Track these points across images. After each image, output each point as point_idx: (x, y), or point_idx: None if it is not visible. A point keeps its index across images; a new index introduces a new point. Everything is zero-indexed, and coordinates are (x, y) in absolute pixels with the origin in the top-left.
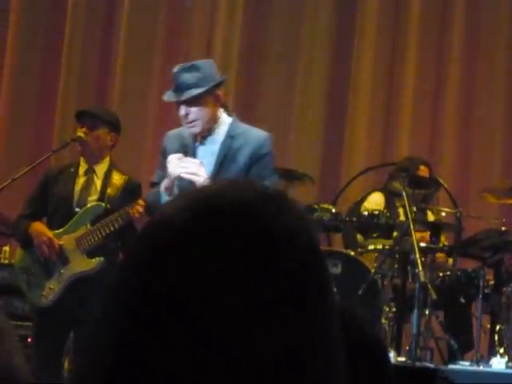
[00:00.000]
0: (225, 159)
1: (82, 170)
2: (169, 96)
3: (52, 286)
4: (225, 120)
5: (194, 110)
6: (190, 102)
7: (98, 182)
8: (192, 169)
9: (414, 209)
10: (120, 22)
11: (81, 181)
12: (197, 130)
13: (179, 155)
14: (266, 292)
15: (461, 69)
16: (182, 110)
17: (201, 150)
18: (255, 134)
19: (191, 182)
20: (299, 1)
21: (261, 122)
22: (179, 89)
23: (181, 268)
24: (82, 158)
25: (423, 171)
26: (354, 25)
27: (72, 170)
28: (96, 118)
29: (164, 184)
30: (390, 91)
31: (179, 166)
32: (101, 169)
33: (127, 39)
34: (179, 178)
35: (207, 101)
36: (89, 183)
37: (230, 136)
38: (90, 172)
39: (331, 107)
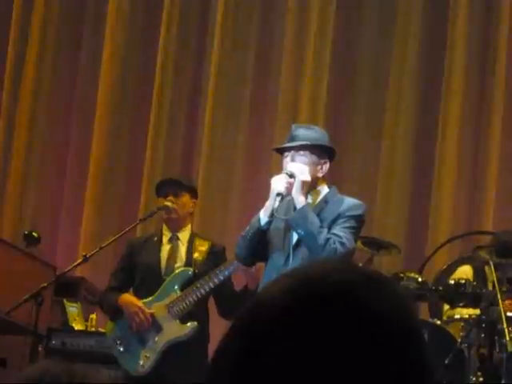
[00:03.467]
0: None
1: (165, 239)
2: (281, 145)
3: (148, 355)
4: (323, 189)
5: (299, 159)
6: (300, 152)
7: (183, 249)
8: (295, 168)
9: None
10: (206, 89)
11: (166, 248)
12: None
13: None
14: (367, 375)
15: None
16: (289, 157)
17: None
18: (349, 200)
19: (291, 201)
20: (384, 67)
21: (345, 190)
22: (293, 139)
23: (280, 351)
24: (164, 227)
25: None
26: (439, 85)
27: (155, 238)
28: (180, 185)
29: (266, 204)
30: (476, 157)
31: (283, 173)
32: (184, 236)
33: (213, 109)
34: (280, 198)
35: (314, 161)
36: (174, 250)
37: (325, 201)
38: (175, 239)
39: (416, 175)
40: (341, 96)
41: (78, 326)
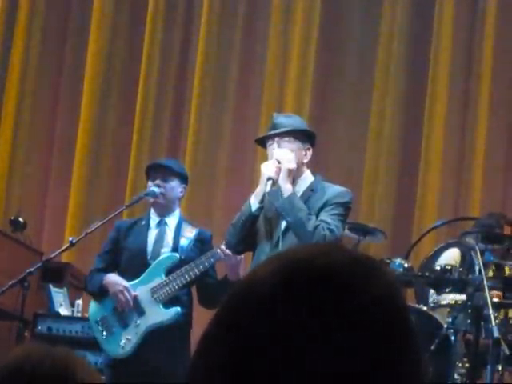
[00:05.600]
0: None
1: (153, 223)
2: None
3: (129, 337)
4: (308, 177)
5: (285, 145)
6: (284, 138)
7: (170, 234)
8: (281, 156)
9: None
10: (192, 83)
11: (153, 233)
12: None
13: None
14: (352, 358)
15: None
16: (275, 144)
17: None
18: (336, 188)
19: (278, 189)
20: (370, 63)
21: (332, 176)
22: (275, 127)
23: (269, 333)
24: (152, 211)
25: (507, 231)
26: (425, 76)
27: (143, 222)
28: (169, 170)
29: (256, 190)
30: (462, 145)
31: (270, 160)
32: (172, 221)
33: (199, 100)
34: (271, 182)
35: (299, 147)
36: (161, 235)
37: (311, 189)
38: (162, 224)
39: (403, 161)
40: (326, 85)
41: (64, 312)
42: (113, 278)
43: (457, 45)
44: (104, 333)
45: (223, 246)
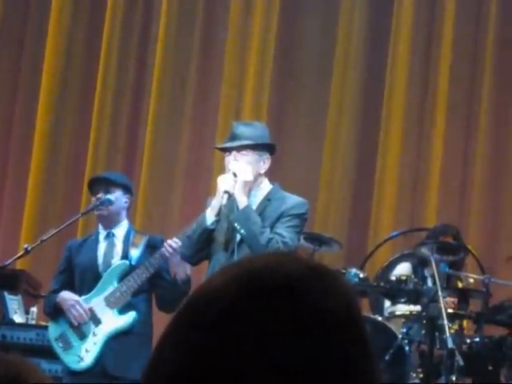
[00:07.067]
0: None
1: (101, 237)
2: (222, 143)
3: (88, 348)
4: (265, 186)
5: (242, 158)
6: (240, 152)
7: (119, 245)
8: (237, 168)
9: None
10: (150, 86)
11: (102, 246)
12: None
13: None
14: (307, 365)
15: (490, 132)
16: (231, 156)
17: None
18: (293, 198)
19: (234, 201)
20: (327, 68)
21: (287, 184)
22: (234, 138)
23: (224, 340)
24: (100, 225)
25: (447, 239)
26: (382, 85)
27: (93, 238)
28: (110, 182)
29: (212, 203)
30: (419, 154)
31: (227, 170)
32: (120, 231)
33: (156, 105)
34: (228, 195)
35: (256, 158)
36: (111, 247)
37: (268, 199)
38: (110, 236)
39: (359, 170)
40: (284, 90)
41: (18, 319)
42: (65, 295)
43: (414, 49)
44: (64, 348)
45: (168, 242)
